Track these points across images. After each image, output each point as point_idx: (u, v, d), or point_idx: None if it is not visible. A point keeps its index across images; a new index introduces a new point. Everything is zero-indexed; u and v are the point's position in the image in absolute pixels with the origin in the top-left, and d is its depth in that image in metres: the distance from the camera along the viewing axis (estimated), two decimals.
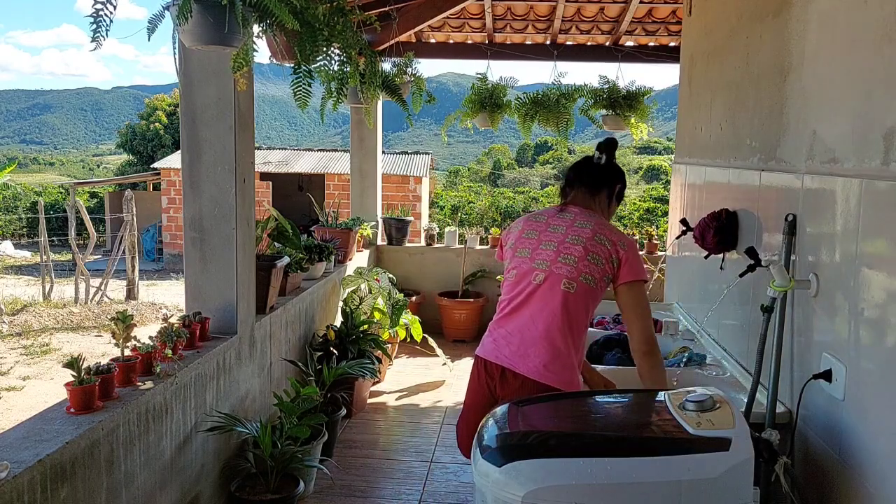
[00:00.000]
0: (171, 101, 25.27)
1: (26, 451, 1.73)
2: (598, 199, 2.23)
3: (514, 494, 1.59)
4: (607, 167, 2.26)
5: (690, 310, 3.36)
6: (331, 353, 3.97)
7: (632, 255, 2.08)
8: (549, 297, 2.06)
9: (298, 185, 16.62)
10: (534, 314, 2.08)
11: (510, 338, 2.11)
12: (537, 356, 2.06)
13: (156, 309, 8.57)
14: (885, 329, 1.62)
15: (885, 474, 1.61)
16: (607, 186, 2.25)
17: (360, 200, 6.10)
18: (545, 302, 2.07)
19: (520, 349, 2.08)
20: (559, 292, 2.04)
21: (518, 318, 2.12)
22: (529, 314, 2.09)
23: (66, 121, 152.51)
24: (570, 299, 2.04)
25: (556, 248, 2.09)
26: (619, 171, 2.30)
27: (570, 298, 2.04)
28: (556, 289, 2.05)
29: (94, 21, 1.95)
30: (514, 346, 2.09)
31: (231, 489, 2.82)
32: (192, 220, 2.83)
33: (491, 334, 2.20)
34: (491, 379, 2.14)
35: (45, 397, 5.29)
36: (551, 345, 2.05)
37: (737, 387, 2.38)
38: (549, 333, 2.05)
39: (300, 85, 2.39)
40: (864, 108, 1.77)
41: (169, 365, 2.43)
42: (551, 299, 2.06)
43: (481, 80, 5.52)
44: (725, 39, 3.00)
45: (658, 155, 38.46)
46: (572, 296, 2.04)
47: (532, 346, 2.06)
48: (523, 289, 2.11)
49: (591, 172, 2.25)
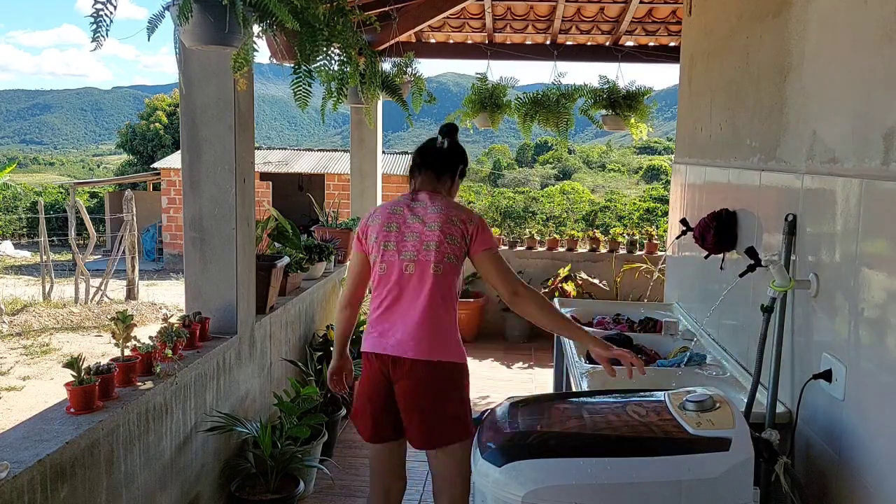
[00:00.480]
0: (171, 101, 25.26)
1: (26, 451, 1.73)
2: (442, 180, 2.38)
3: (514, 494, 1.59)
4: (450, 151, 2.40)
5: (690, 310, 3.36)
6: (331, 353, 3.97)
7: (480, 228, 2.26)
8: (421, 283, 2.23)
9: (298, 185, 16.61)
10: (411, 302, 2.24)
11: (393, 330, 2.26)
12: (423, 339, 2.22)
13: (156, 309, 8.57)
14: (885, 329, 1.62)
15: (885, 474, 1.61)
16: (450, 169, 2.39)
17: (360, 200, 6.10)
18: (420, 288, 2.23)
19: (403, 337, 2.23)
20: (430, 276, 2.22)
21: (397, 310, 2.27)
22: (407, 303, 2.25)
23: (66, 121, 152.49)
24: (440, 280, 2.23)
25: (419, 238, 2.26)
26: (461, 152, 2.44)
27: (439, 280, 2.23)
28: (427, 274, 2.23)
29: (95, 21, 1.95)
30: (398, 336, 2.24)
31: (231, 489, 2.82)
32: (192, 220, 2.83)
33: (372, 332, 2.32)
34: (383, 364, 2.28)
35: (45, 397, 5.29)
36: (433, 325, 2.23)
37: (737, 387, 2.38)
38: (430, 315, 2.22)
39: (300, 85, 2.38)
40: (864, 108, 1.77)
41: (169, 365, 2.43)
42: (424, 284, 2.23)
43: (481, 80, 5.52)
44: (725, 39, 3.00)
45: (658, 155, 38.46)
46: (440, 277, 2.23)
47: (416, 331, 2.22)
48: (396, 281, 2.27)
49: (436, 157, 2.40)
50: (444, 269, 2.23)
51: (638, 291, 5.77)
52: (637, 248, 6.27)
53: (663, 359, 2.75)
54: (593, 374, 2.46)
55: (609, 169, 37.63)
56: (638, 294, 5.76)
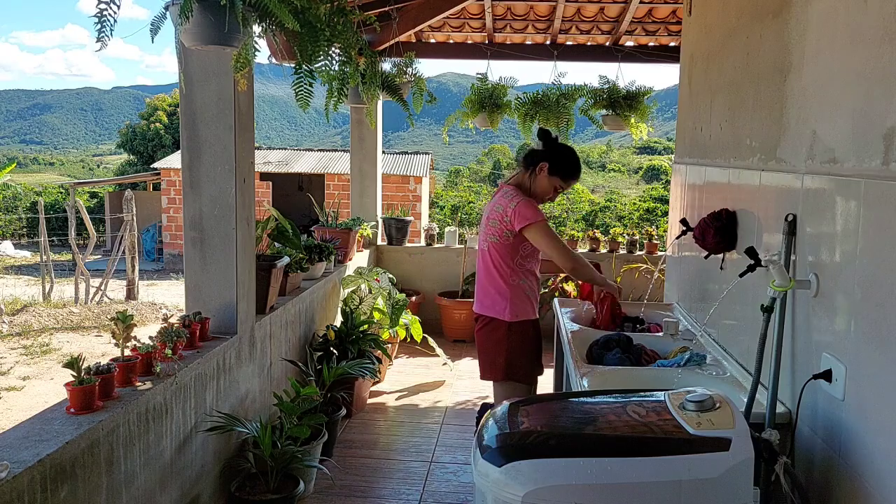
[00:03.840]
0: (171, 101, 25.25)
1: (26, 451, 1.73)
2: (528, 173, 2.95)
3: (514, 494, 1.59)
4: (535, 151, 2.97)
5: (690, 310, 3.35)
6: (331, 353, 3.97)
7: (517, 210, 2.80)
8: (481, 255, 2.99)
9: (298, 185, 16.62)
10: (479, 269, 3.03)
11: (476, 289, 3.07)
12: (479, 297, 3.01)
13: (156, 309, 8.57)
14: (885, 329, 1.62)
15: (885, 474, 1.61)
16: (533, 164, 2.93)
17: (360, 200, 6.10)
18: (481, 259, 2.99)
19: (476, 295, 3.05)
20: (483, 251, 2.98)
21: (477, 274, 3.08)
22: (478, 270, 3.04)
23: (66, 121, 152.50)
24: (488, 254, 2.94)
25: (484, 223, 2.99)
26: (550, 154, 2.93)
27: (485, 255, 2.97)
28: (482, 248, 2.99)
29: (99, 21, 1.95)
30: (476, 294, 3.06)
31: (231, 489, 2.82)
32: (192, 220, 2.83)
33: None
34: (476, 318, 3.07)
35: (45, 397, 5.29)
36: (483, 287, 2.98)
37: (737, 387, 2.38)
38: (484, 279, 2.97)
39: (302, 85, 2.38)
40: (864, 107, 1.77)
41: (169, 365, 2.43)
42: (482, 257, 2.98)
43: (481, 80, 5.52)
44: (725, 39, 3.00)
45: (658, 155, 38.45)
46: (486, 252, 2.95)
47: (478, 291, 3.02)
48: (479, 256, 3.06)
49: (526, 155, 3.02)
50: (488, 246, 2.93)
51: (638, 291, 5.77)
52: (637, 248, 6.26)
53: (663, 359, 2.75)
54: (593, 374, 2.46)
55: (609, 169, 37.63)
56: (638, 294, 5.76)
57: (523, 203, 2.81)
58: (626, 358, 2.68)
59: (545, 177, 2.90)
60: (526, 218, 2.78)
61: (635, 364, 2.68)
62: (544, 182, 2.92)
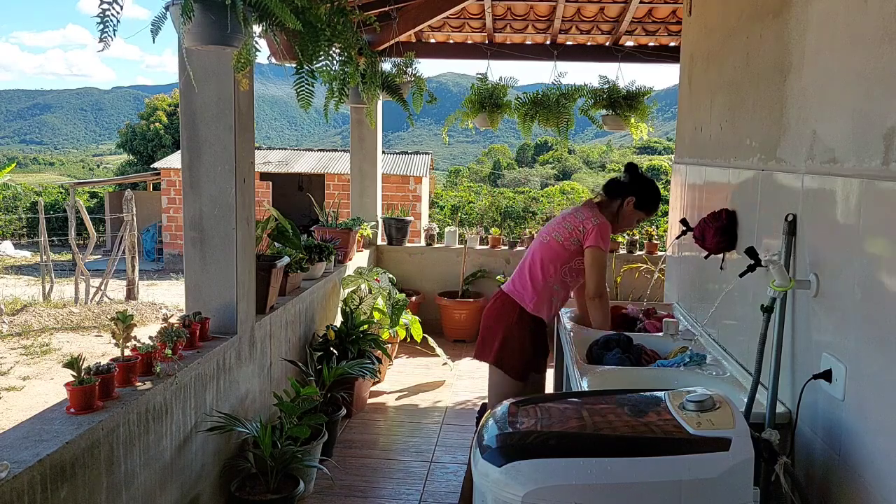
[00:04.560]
0: (171, 101, 25.24)
1: (26, 451, 1.73)
2: (613, 203, 3.11)
3: (514, 494, 1.59)
4: (622, 183, 3.13)
5: (690, 310, 3.35)
6: (331, 353, 3.97)
7: (596, 230, 2.96)
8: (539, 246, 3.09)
9: (298, 185, 16.62)
10: (529, 257, 3.13)
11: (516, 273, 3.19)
12: (515, 279, 3.14)
13: (156, 309, 8.57)
14: (885, 329, 1.62)
15: (885, 474, 1.61)
16: (619, 196, 3.10)
17: (360, 200, 6.10)
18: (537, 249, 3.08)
19: (513, 276, 3.18)
20: (544, 243, 3.07)
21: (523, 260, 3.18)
22: (528, 257, 3.14)
23: (66, 121, 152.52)
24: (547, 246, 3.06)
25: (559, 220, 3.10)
26: (633, 187, 3.09)
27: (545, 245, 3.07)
28: (543, 240, 3.08)
29: (101, 21, 1.95)
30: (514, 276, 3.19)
31: (231, 489, 2.82)
32: (192, 220, 2.83)
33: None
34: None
35: (45, 397, 5.29)
36: (523, 273, 3.10)
37: (737, 387, 2.38)
38: (528, 267, 3.09)
39: (303, 85, 2.38)
40: (864, 107, 1.77)
41: (169, 365, 2.43)
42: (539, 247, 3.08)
43: (481, 80, 5.51)
44: (725, 39, 3.00)
45: (658, 155, 38.43)
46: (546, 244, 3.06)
47: (517, 275, 3.14)
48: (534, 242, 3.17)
49: (609, 185, 3.17)
50: (550, 240, 3.06)
51: (638, 292, 5.77)
52: (637, 248, 6.26)
53: (663, 359, 2.75)
54: (593, 374, 2.46)
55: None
56: (638, 294, 5.76)
57: (605, 226, 2.98)
58: (626, 358, 2.68)
59: (632, 210, 3.08)
60: (597, 240, 2.95)
61: (635, 364, 2.68)
62: (630, 215, 3.10)
